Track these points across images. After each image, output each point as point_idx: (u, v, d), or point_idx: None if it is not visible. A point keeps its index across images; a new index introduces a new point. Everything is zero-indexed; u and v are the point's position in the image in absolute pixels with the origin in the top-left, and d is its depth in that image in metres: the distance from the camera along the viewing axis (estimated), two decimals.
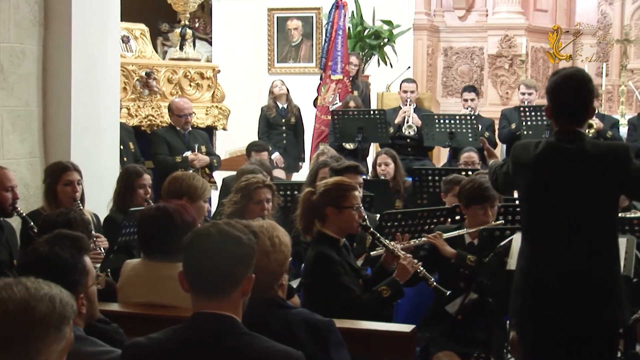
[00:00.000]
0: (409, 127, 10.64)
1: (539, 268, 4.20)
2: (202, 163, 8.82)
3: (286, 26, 13.56)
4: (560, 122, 4.23)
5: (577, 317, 4.14)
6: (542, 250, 4.21)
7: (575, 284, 4.11)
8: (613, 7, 13.79)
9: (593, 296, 4.12)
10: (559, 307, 4.14)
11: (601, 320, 4.14)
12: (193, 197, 5.43)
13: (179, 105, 8.97)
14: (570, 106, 4.22)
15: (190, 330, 2.88)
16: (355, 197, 5.02)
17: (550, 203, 4.19)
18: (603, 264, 4.15)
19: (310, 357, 3.09)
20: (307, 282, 5.01)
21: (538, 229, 4.25)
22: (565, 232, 4.16)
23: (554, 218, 4.18)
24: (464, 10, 14.60)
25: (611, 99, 13.30)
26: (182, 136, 8.98)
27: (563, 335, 4.17)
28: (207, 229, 2.93)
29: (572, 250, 4.13)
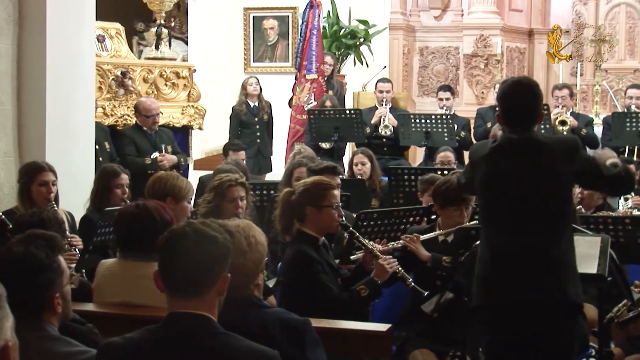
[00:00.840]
0: (385, 127, 10.65)
1: (495, 253, 4.41)
2: (170, 163, 8.78)
3: (262, 25, 13.54)
4: (511, 126, 4.48)
5: (530, 299, 4.33)
6: (497, 237, 4.41)
7: (527, 265, 4.33)
8: (587, 8, 13.86)
9: (544, 277, 4.31)
10: (513, 286, 4.34)
11: (554, 301, 4.32)
12: (177, 197, 5.41)
13: (146, 106, 8.89)
14: (518, 110, 4.46)
15: (165, 330, 2.87)
16: (334, 196, 5.05)
17: (505, 191, 4.42)
18: (554, 248, 4.33)
19: (286, 356, 3.09)
20: (285, 281, 5.01)
21: (494, 217, 4.47)
22: (518, 219, 4.37)
23: (508, 206, 4.41)
24: (440, 10, 14.63)
25: (586, 98, 13.38)
26: (148, 136, 8.91)
27: (518, 319, 4.36)
28: (183, 228, 2.93)
29: (525, 235, 4.34)
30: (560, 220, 4.39)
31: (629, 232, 5.71)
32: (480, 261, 4.49)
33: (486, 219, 4.55)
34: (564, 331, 4.39)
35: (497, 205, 4.47)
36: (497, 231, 4.44)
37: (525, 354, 4.43)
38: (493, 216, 4.49)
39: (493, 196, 4.49)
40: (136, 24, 15.30)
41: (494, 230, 4.46)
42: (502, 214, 4.43)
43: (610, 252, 4.66)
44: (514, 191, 4.39)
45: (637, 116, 9.80)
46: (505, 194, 4.42)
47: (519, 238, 4.35)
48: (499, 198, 4.46)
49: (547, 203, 4.37)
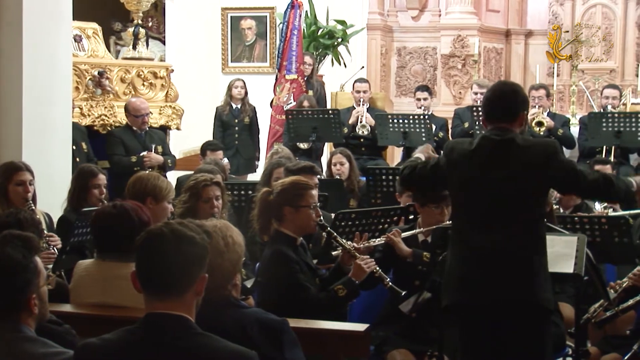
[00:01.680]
0: (362, 127, 10.67)
1: (467, 252, 4.46)
2: (153, 162, 8.78)
3: (240, 25, 13.52)
4: (490, 123, 4.55)
5: (499, 298, 4.36)
6: (471, 236, 4.45)
7: (498, 266, 4.36)
8: (564, 8, 13.92)
9: (514, 281, 4.34)
10: (484, 287, 4.38)
11: (522, 302, 4.36)
12: (158, 198, 5.39)
13: (135, 106, 8.93)
14: (497, 107, 4.53)
15: (143, 330, 2.87)
16: (312, 196, 5.05)
17: (481, 192, 4.44)
18: (526, 249, 4.37)
19: (264, 356, 3.09)
20: (263, 280, 5.01)
21: (468, 217, 4.52)
22: (492, 220, 4.41)
23: (483, 207, 4.44)
24: (417, 10, 14.66)
25: (562, 98, 13.44)
26: (138, 136, 8.94)
27: (488, 319, 4.42)
28: (160, 229, 2.92)
29: (498, 236, 4.37)
30: (533, 222, 4.42)
31: (605, 231, 5.74)
32: (451, 259, 4.53)
33: (460, 218, 4.58)
34: (534, 335, 4.41)
35: (472, 206, 4.49)
36: (471, 231, 4.47)
37: (497, 353, 4.45)
38: (467, 216, 4.52)
39: (469, 196, 4.52)
40: (113, 23, 15.24)
41: (467, 230, 4.49)
42: (476, 214, 4.47)
43: (587, 251, 4.69)
44: (489, 193, 4.41)
45: (614, 116, 9.85)
46: (480, 196, 4.45)
47: (491, 239, 4.38)
48: (474, 198, 4.48)
49: (521, 206, 4.40)
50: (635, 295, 5.21)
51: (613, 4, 13.67)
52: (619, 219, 5.92)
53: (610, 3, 13.68)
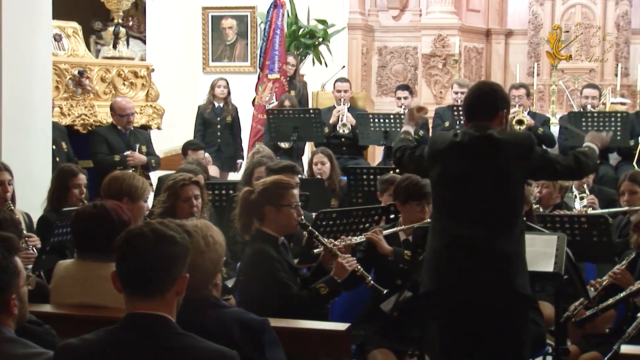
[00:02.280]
0: (343, 126, 10.68)
1: (447, 243, 4.52)
2: (136, 162, 8.77)
3: (221, 25, 13.49)
4: (469, 120, 4.65)
5: (476, 284, 4.43)
6: (450, 227, 4.52)
7: (477, 256, 4.43)
8: (544, 8, 13.98)
9: (493, 269, 4.41)
10: (462, 275, 4.45)
11: (499, 287, 4.42)
12: (134, 197, 5.37)
13: (121, 105, 8.93)
14: (476, 106, 4.64)
15: (123, 330, 2.86)
16: (293, 196, 5.05)
17: (461, 186, 4.53)
18: (505, 241, 4.44)
19: (245, 356, 3.09)
20: (244, 279, 5.01)
21: (448, 209, 4.58)
22: (472, 212, 4.49)
23: (463, 200, 4.52)
24: (398, 10, 14.69)
25: (542, 98, 13.49)
26: (123, 136, 8.93)
27: (466, 306, 4.45)
28: (140, 228, 2.91)
29: (477, 227, 4.45)
30: (512, 215, 4.50)
31: (585, 230, 5.77)
32: (431, 249, 4.59)
33: (440, 210, 4.63)
34: (513, 323, 4.46)
35: (452, 198, 4.57)
36: (450, 222, 4.53)
37: (475, 342, 4.47)
38: (447, 208, 4.58)
39: (449, 189, 4.59)
40: (94, 23, 15.20)
41: (447, 221, 4.55)
42: (456, 207, 4.54)
43: (567, 250, 4.71)
44: (469, 186, 4.50)
45: (593, 116, 9.90)
46: (460, 189, 4.53)
47: (471, 230, 4.45)
48: (454, 192, 4.56)
49: (501, 198, 4.48)
50: (615, 293, 5.23)
51: (592, 4, 13.73)
52: (599, 218, 5.94)
53: (590, 3, 13.75)
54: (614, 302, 5.20)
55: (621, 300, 5.19)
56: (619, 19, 13.74)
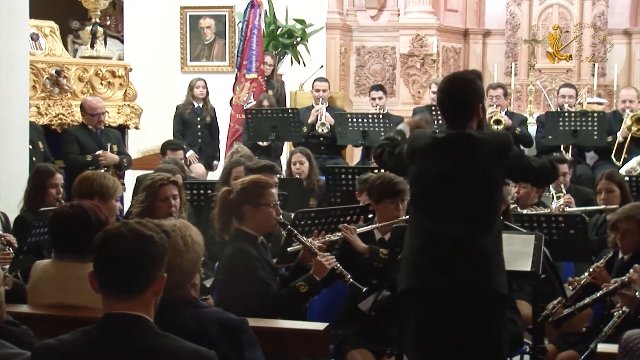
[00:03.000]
0: (322, 125, 10.68)
1: (425, 239, 4.52)
2: (109, 162, 8.75)
3: (199, 24, 13.46)
4: (447, 119, 4.66)
5: (453, 281, 4.44)
6: (428, 225, 4.51)
7: (455, 253, 4.44)
8: (521, 8, 14.03)
9: (470, 266, 4.42)
10: (440, 272, 4.45)
11: (478, 289, 4.43)
12: (105, 197, 5.36)
13: (91, 104, 8.89)
14: (450, 108, 4.64)
15: (101, 331, 2.85)
16: (272, 195, 5.07)
17: (438, 184, 4.52)
18: (482, 240, 4.45)
19: (223, 356, 3.09)
20: (224, 278, 5.01)
21: (426, 207, 4.57)
22: (449, 210, 4.49)
23: (440, 198, 4.52)
24: (376, 9, 14.70)
25: (520, 97, 13.54)
26: (94, 135, 8.90)
27: (444, 303, 4.47)
28: (118, 228, 2.91)
29: (454, 225, 4.45)
30: (490, 213, 4.51)
31: (562, 229, 5.80)
32: (409, 247, 4.59)
33: (417, 209, 4.63)
34: (490, 322, 4.47)
35: (430, 197, 4.56)
36: (428, 221, 4.53)
37: (452, 340, 4.48)
38: (424, 206, 4.58)
39: (426, 188, 4.58)
40: (71, 22, 15.12)
41: (424, 219, 4.55)
42: (434, 206, 4.54)
43: (544, 249, 4.73)
44: (447, 185, 4.50)
45: (570, 115, 9.95)
46: (438, 187, 4.53)
47: (448, 228, 4.44)
48: (432, 190, 4.56)
49: (478, 196, 4.48)
50: (592, 292, 5.26)
51: (569, 4, 13.79)
52: (576, 217, 5.98)
53: (567, 3, 13.81)
54: (591, 301, 5.23)
55: (598, 299, 5.21)
56: (595, 19, 13.81)
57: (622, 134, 9.84)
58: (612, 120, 10.08)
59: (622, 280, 5.02)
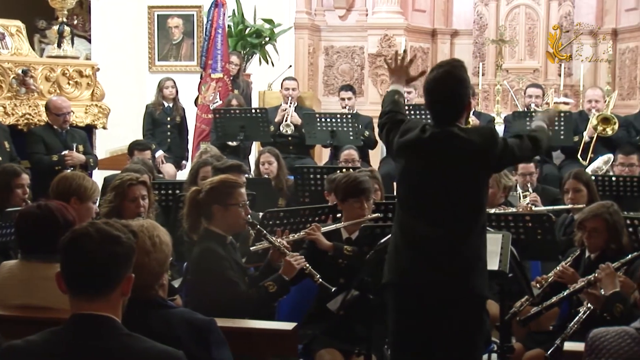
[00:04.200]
0: (287, 126, 10.70)
1: (409, 238, 4.48)
2: (75, 162, 8.71)
3: (167, 24, 13.43)
4: (435, 117, 4.57)
5: (436, 286, 4.40)
6: (413, 223, 4.48)
7: (438, 253, 4.40)
8: (488, 8, 14.08)
9: (453, 267, 4.38)
10: (423, 270, 4.41)
11: (459, 290, 4.40)
12: (82, 198, 5.34)
13: (56, 104, 8.85)
14: (440, 109, 4.54)
15: (68, 332, 2.84)
16: (241, 194, 5.07)
17: (423, 183, 4.47)
18: (466, 240, 4.41)
19: (191, 356, 3.08)
20: (193, 278, 5.00)
21: (411, 206, 4.53)
22: (434, 210, 4.44)
23: (425, 197, 4.47)
24: (345, 9, 14.71)
25: (487, 97, 13.59)
26: (59, 135, 8.86)
27: (424, 301, 4.43)
28: (85, 228, 2.89)
29: (439, 225, 4.41)
30: (474, 213, 4.45)
31: (529, 229, 5.83)
32: (393, 245, 4.54)
33: (402, 206, 4.58)
34: (467, 322, 4.45)
35: (415, 196, 4.52)
36: (412, 218, 4.49)
37: (428, 337, 4.48)
38: (409, 204, 4.54)
39: (412, 186, 4.54)
40: (37, 21, 15.05)
41: (408, 217, 4.51)
42: (418, 204, 4.49)
43: (511, 248, 4.75)
44: (431, 183, 4.45)
45: (537, 115, 10.00)
46: (423, 186, 4.48)
47: (433, 227, 4.41)
48: (416, 188, 4.51)
49: (462, 197, 4.43)
50: (560, 291, 5.30)
51: (536, 4, 13.87)
52: (543, 216, 6.01)
53: (534, 4, 13.88)
54: (557, 300, 5.27)
55: (565, 298, 5.25)
56: (562, 19, 13.90)
57: (588, 133, 9.93)
58: (579, 120, 10.17)
59: (589, 279, 5.07)
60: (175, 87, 11.22)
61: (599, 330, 3.30)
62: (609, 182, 7.96)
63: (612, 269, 4.99)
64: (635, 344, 3.14)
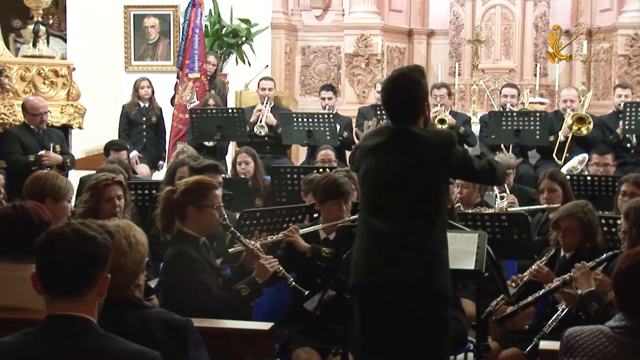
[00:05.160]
0: (260, 127, 10.69)
1: (371, 238, 4.50)
2: (52, 162, 8.69)
3: (143, 24, 13.40)
4: (392, 119, 4.64)
5: (397, 286, 4.42)
6: (374, 223, 4.49)
7: (399, 251, 4.42)
8: (464, 9, 14.12)
9: (414, 265, 4.40)
10: (384, 269, 4.43)
11: (419, 290, 4.41)
12: (57, 197, 5.31)
13: (33, 104, 8.81)
14: (395, 111, 4.61)
15: (43, 332, 2.83)
16: (215, 196, 5.05)
17: (383, 182, 4.51)
18: (426, 238, 4.43)
19: (167, 357, 3.07)
20: (166, 280, 4.98)
21: (371, 205, 4.54)
22: (394, 208, 4.46)
23: (385, 196, 4.50)
24: (321, 9, 14.73)
25: (464, 97, 13.63)
26: (36, 135, 8.82)
27: (388, 301, 4.44)
28: (61, 228, 2.88)
29: (399, 224, 4.43)
30: (434, 211, 4.47)
31: (505, 228, 5.86)
32: (357, 244, 4.57)
33: (364, 205, 4.60)
34: (431, 321, 4.46)
35: (374, 196, 4.54)
36: (373, 217, 4.50)
37: (395, 336, 4.49)
38: (370, 203, 4.56)
39: (371, 187, 4.56)
40: (13, 20, 14.97)
41: (370, 216, 4.52)
42: (378, 203, 4.51)
43: (487, 248, 4.77)
44: (391, 182, 4.48)
45: (513, 115, 10.07)
46: (382, 186, 4.50)
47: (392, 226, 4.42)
48: (376, 187, 4.53)
49: (421, 194, 4.45)
50: (535, 290, 5.32)
51: (512, 5, 13.93)
52: (519, 216, 6.04)
53: (509, 4, 13.94)
54: (533, 299, 5.29)
55: (541, 297, 5.27)
56: (537, 19, 13.96)
57: (564, 133, 9.99)
58: (554, 119, 10.23)
59: (564, 279, 5.09)
60: (151, 87, 11.19)
61: (574, 329, 3.32)
62: (584, 181, 8.01)
63: (588, 268, 5.01)
64: (609, 342, 3.16)
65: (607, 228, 5.85)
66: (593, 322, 3.70)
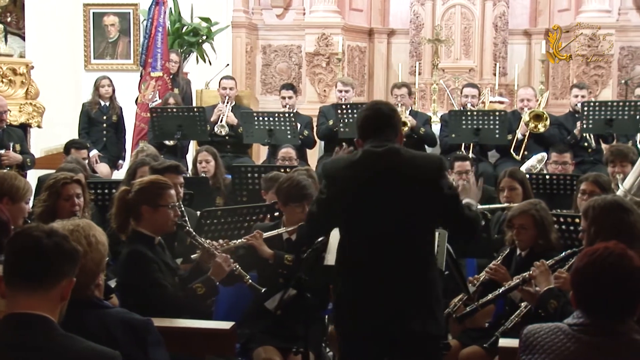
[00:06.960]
0: (221, 127, 10.66)
1: (357, 274, 4.31)
2: (11, 161, 8.61)
3: (102, 22, 13.33)
4: (372, 138, 4.35)
5: (385, 324, 4.25)
6: (359, 257, 4.30)
7: (390, 288, 4.23)
8: (425, 8, 14.18)
9: (401, 305, 4.23)
10: (376, 314, 4.25)
11: (409, 330, 4.23)
12: (15, 198, 5.25)
13: None
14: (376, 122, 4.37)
15: (3, 332, 2.81)
16: (170, 196, 5.01)
17: (367, 208, 4.27)
18: (414, 271, 4.26)
19: (128, 357, 3.07)
20: (121, 280, 4.96)
21: (356, 236, 4.33)
22: (380, 237, 4.25)
23: (369, 223, 4.27)
24: (282, 8, 14.73)
25: (424, 97, 13.69)
26: None
27: (379, 344, 4.30)
28: (37, 225, 2.94)
29: (386, 254, 4.24)
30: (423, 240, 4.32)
31: None
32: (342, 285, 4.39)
33: (347, 239, 4.40)
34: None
35: (359, 225, 4.32)
36: (358, 253, 4.31)
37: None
38: (354, 236, 4.35)
39: (355, 215, 4.32)
40: None
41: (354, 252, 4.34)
42: (364, 234, 4.29)
43: (448, 246, 4.79)
44: (376, 209, 4.25)
45: (473, 114, 10.12)
46: (367, 213, 4.27)
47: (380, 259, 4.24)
48: (361, 217, 4.30)
49: (411, 221, 4.26)
50: (494, 288, 5.36)
51: (472, 4, 14.00)
52: None
53: (469, 4, 14.02)
54: (493, 297, 5.33)
55: (501, 295, 5.31)
56: (496, 19, 14.05)
57: (521, 130, 10.07)
58: (512, 119, 10.29)
59: (524, 277, 5.13)
60: (111, 85, 11.13)
61: (533, 326, 3.35)
62: (542, 180, 8.07)
63: (547, 266, 5.05)
64: (567, 339, 3.19)
65: (566, 226, 5.90)
66: (552, 320, 3.73)
